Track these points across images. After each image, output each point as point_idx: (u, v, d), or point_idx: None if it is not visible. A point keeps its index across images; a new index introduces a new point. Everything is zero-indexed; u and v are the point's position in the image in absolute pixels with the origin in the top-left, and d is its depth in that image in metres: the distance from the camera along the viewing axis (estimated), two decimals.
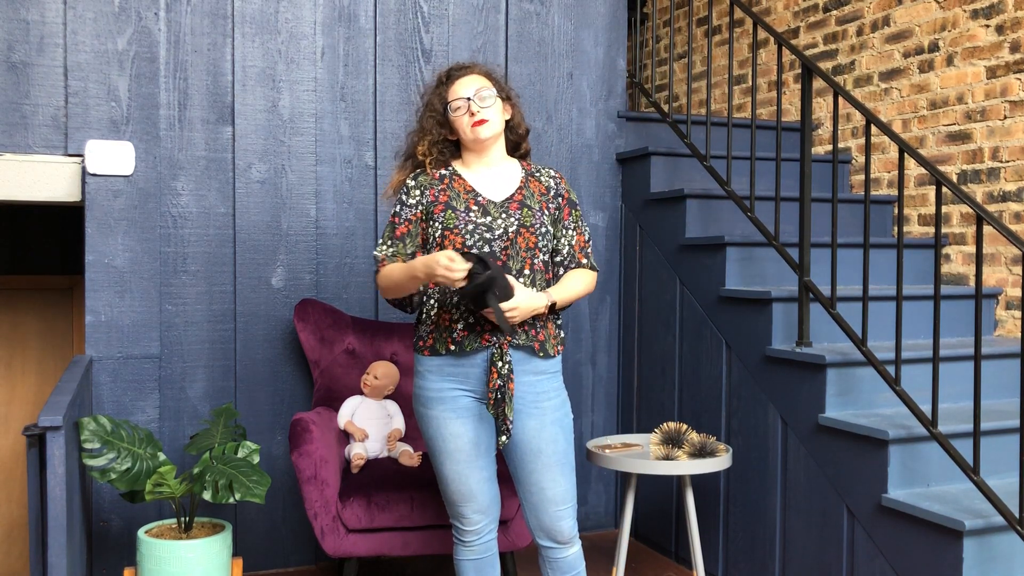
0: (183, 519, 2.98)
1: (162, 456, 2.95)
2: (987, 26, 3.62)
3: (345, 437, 3.31)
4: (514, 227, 2.39)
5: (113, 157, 3.34)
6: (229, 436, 3.08)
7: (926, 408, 2.70)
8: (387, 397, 3.41)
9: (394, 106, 3.74)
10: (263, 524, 3.57)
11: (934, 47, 3.85)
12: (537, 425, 2.40)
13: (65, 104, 3.31)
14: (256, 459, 2.93)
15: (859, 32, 4.23)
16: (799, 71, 4.43)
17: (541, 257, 2.43)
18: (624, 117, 4.12)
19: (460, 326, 2.38)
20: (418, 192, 2.45)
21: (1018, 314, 3.52)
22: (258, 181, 3.55)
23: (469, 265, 2.18)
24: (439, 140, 2.47)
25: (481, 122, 2.41)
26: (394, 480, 3.05)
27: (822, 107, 4.42)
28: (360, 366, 3.44)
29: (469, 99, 2.41)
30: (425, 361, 2.43)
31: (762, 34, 4.65)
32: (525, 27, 3.95)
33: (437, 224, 2.40)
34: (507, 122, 2.52)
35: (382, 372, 3.36)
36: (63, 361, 4.59)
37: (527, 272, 2.40)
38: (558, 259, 2.51)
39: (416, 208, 2.44)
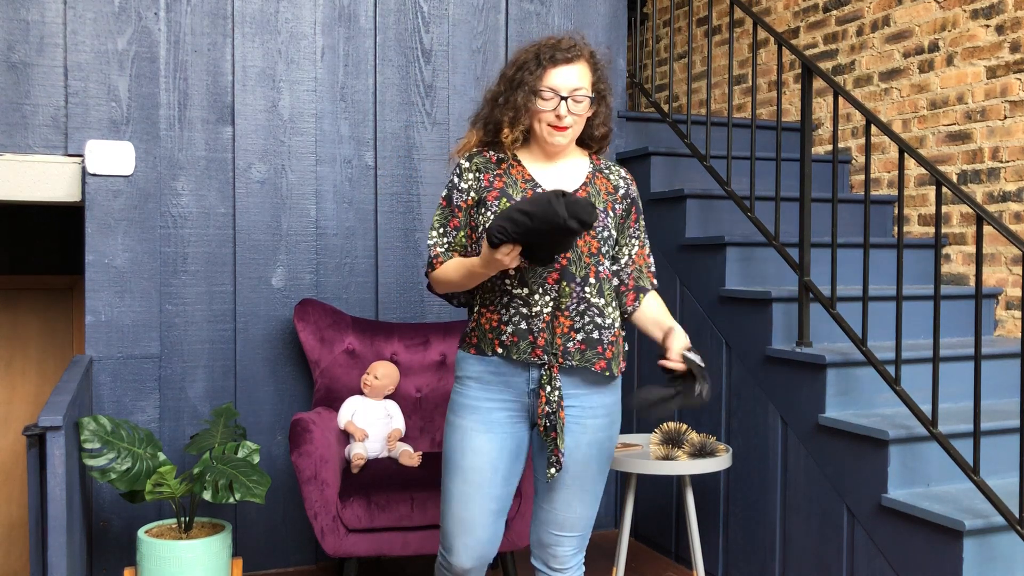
0: (183, 519, 2.98)
1: (162, 456, 2.95)
2: (987, 26, 3.62)
3: (345, 437, 3.31)
4: None
5: (113, 157, 3.34)
6: (229, 436, 3.08)
7: (926, 408, 2.70)
8: (387, 397, 3.41)
9: (394, 106, 3.74)
10: (263, 524, 3.57)
11: (934, 47, 3.85)
12: (572, 444, 2.13)
13: (65, 104, 3.31)
14: (256, 459, 2.94)
15: (859, 32, 4.23)
16: (799, 71, 4.43)
17: (606, 264, 2.15)
18: (624, 117, 4.12)
19: (509, 330, 2.10)
20: (471, 176, 2.17)
21: (1018, 314, 3.52)
22: (258, 181, 3.55)
23: (518, 248, 1.95)
24: (527, 127, 2.15)
25: (563, 129, 2.12)
26: (394, 480, 3.05)
27: (822, 107, 4.42)
28: (360, 366, 3.44)
29: (564, 99, 2.09)
30: (469, 367, 2.17)
31: (762, 34, 4.65)
32: (525, 27, 3.95)
33: (489, 214, 2.11)
34: (588, 118, 2.19)
35: (382, 372, 3.36)
36: (63, 361, 4.59)
37: (592, 281, 2.10)
38: (615, 268, 2.22)
39: (468, 194, 2.17)
